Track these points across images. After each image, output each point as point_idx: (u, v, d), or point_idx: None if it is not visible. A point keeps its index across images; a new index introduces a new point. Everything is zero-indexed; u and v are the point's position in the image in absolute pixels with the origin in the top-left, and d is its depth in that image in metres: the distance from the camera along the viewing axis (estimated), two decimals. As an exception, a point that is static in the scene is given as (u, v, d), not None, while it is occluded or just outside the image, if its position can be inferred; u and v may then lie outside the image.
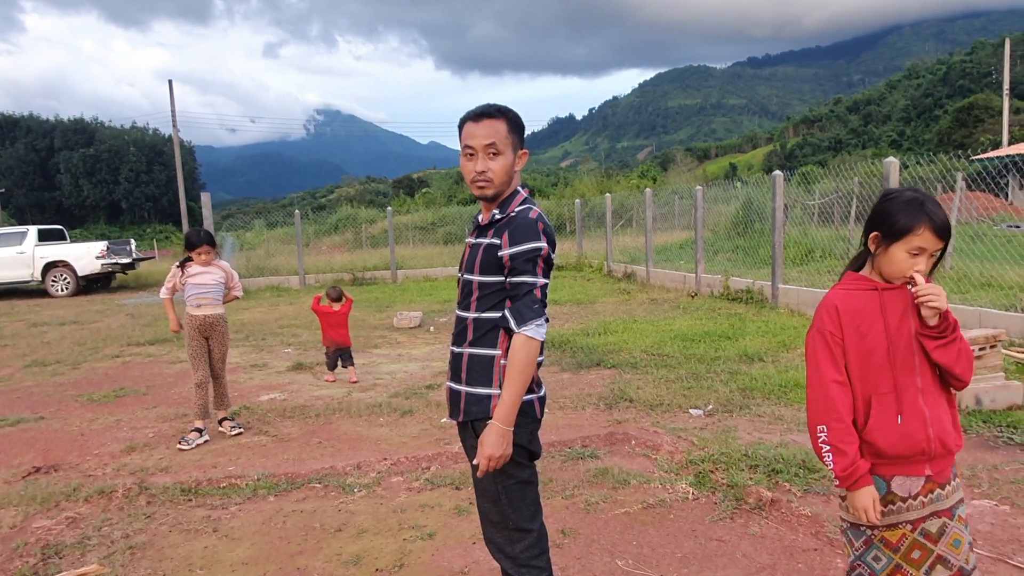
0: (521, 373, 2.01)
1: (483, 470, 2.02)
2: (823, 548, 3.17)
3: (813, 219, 17.39)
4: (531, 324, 2.02)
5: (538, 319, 2.04)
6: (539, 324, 2.04)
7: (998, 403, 4.93)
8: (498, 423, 2.01)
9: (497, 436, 2.00)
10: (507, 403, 2.01)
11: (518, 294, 2.06)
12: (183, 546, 3.51)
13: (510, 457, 2.04)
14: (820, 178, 17.09)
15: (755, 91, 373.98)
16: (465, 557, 3.26)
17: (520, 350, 2.02)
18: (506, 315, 2.07)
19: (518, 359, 2.02)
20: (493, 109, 2.15)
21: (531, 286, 2.05)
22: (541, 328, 2.05)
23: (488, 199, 2.17)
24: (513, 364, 2.02)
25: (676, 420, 5.14)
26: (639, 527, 3.49)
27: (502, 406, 2.02)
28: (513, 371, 2.01)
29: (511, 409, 2.02)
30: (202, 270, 5.29)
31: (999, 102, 59.38)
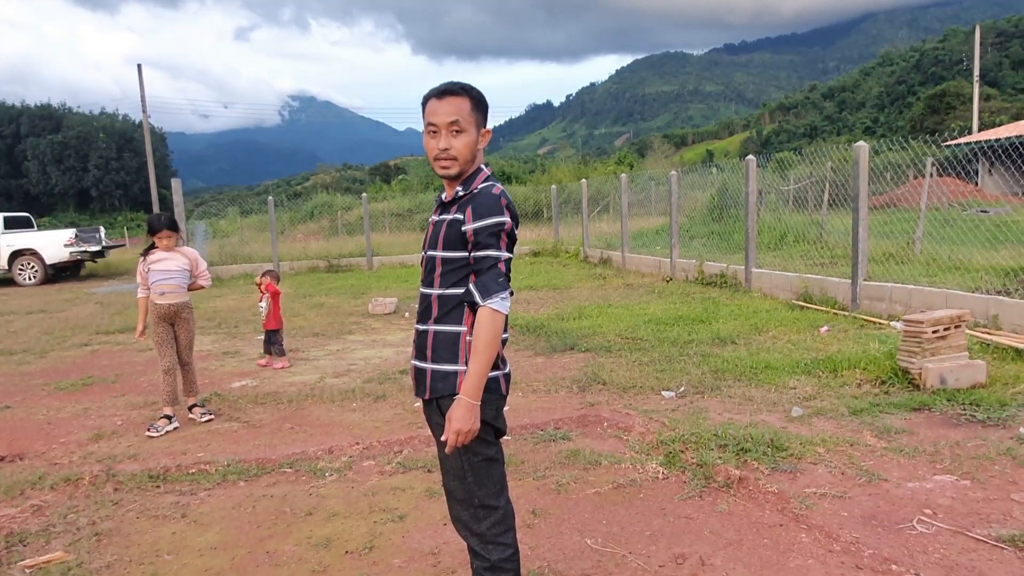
0: (487, 346, 2.00)
1: (451, 446, 2.01)
2: (788, 524, 3.22)
3: (788, 205, 17.57)
4: (496, 297, 2.02)
5: (503, 292, 2.03)
6: (504, 297, 2.03)
7: (962, 382, 5.02)
8: (465, 397, 2.00)
9: (465, 410, 1.99)
10: (474, 377, 2.00)
11: (482, 268, 2.05)
12: (150, 532, 3.47)
13: (477, 432, 2.03)
14: (795, 164, 17.24)
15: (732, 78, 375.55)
16: (435, 538, 3.26)
17: (486, 323, 2.01)
18: (471, 289, 2.06)
19: (484, 332, 2.01)
20: (456, 87, 2.14)
21: (495, 260, 2.04)
22: (505, 301, 2.04)
23: (452, 178, 2.15)
24: (479, 337, 2.01)
25: (648, 402, 5.18)
26: (609, 506, 3.51)
27: (469, 380, 2.01)
28: (479, 344, 2.00)
29: (478, 383, 2.01)
30: (165, 256, 5.20)
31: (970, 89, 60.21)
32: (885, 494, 3.44)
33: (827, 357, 5.89)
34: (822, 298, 8.49)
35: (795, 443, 4.07)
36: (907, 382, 5.15)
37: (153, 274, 5.17)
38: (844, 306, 8.05)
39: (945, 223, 12.42)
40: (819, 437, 4.19)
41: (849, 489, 3.51)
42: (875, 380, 5.28)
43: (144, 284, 5.23)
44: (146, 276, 5.20)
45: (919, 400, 4.78)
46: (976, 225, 12.05)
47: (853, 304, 7.90)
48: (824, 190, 14.89)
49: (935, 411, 4.62)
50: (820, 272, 9.86)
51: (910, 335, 5.20)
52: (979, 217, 14.40)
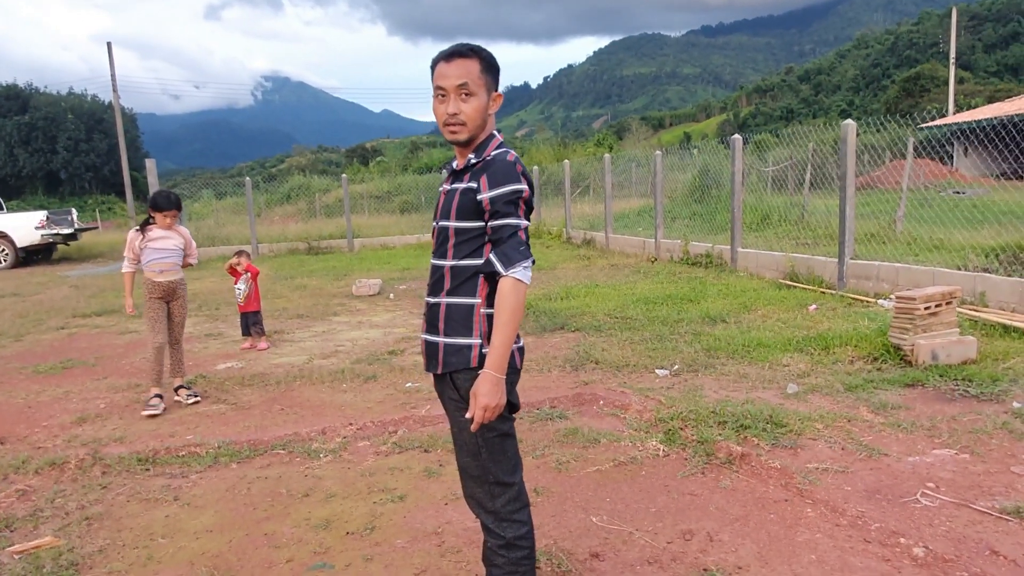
0: (512, 317, 1.94)
1: (478, 422, 1.94)
2: (793, 499, 3.21)
3: (767, 186, 17.64)
4: (519, 266, 1.95)
5: (525, 261, 1.96)
6: (526, 266, 1.97)
7: (953, 358, 5.05)
8: (491, 371, 1.93)
9: (491, 385, 1.92)
10: (499, 349, 1.93)
11: (502, 237, 1.97)
12: (142, 516, 3.37)
13: (504, 408, 1.97)
14: (773, 146, 17.31)
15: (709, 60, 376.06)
16: (437, 518, 3.21)
17: (510, 294, 1.94)
18: (491, 259, 1.98)
19: (508, 303, 1.94)
20: (465, 48, 2.04)
21: (515, 228, 1.97)
22: (527, 271, 1.97)
23: (461, 144, 2.07)
24: (503, 308, 1.94)
25: (643, 380, 5.15)
26: (612, 484, 3.48)
27: (494, 353, 1.94)
28: (503, 315, 1.94)
29: (503, 356, 1.94)
30: (163, 234, 5.09)
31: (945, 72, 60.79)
32: (887, 468, 3.44)
33: (818, 335, 5.90)
34: (808, 277, 8.52)
35: (794, 419, 4.06)
36: (899, 358, 5.17)
37: (150, 252, 5.03)
38: (831, 285, 8.08)
39: (923, 204, 12.52)
40: (817, 413, 4.19)
41: (851, 464, 3.50)
42: (867, 357, 5.29)
43: (134, 259, 5.07)
44: (139, 252, 5.04)
45: (912, 376, 4.80)
46: (953, 206, 12.18)
47: (840, 283, 7.93)
48: (806, 171, 14.96)
49: (928, 387, 4.65)
50: (805, 251, 9.91)
51: (902, 312, 5.22)
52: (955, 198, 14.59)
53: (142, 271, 5.12)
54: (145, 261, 5.06)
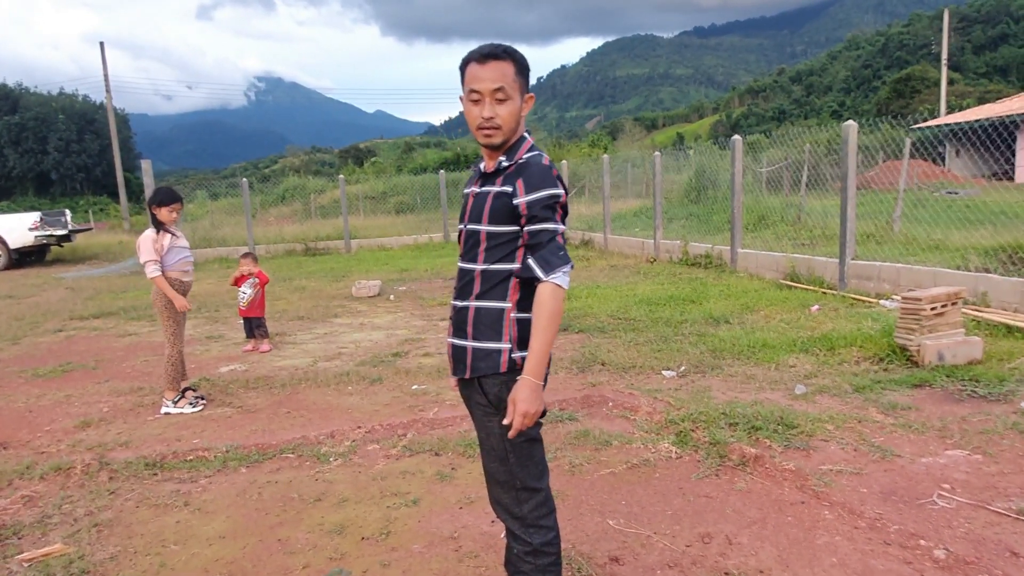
0: (551, 323, 1.92)
1: (517, 429, 1.92)
2: (809, 501, 3.20)
3: (762, 187, 17.69)
4: (558, 272, 1.93)
5: (564, 266, 1.94)
6: (565, 271, 1.95)
7: (959, 358, 5.06)
8: (530, 377, 1.91)
9: (530, 391, 1.90)
10: (538, 355, 1.92)
11: (541, 242, 1.95)
12: (153, 522, 3.34)
13: (540, 413, 1.95)
14: (766, 147, 17.35)
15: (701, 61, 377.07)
16: (453, 522, 3.18)
17: (549, 299, 1.92)
18: (530, 265, 1.96)
19: (547, 308, 1.92)
20: (500, 50, 2.01)
21: (553, 233, 1.95)
22: (567, 276, 1.95)
23: (495, 147, 2.04)
24: (542, 314, 1.92)
25: (650, 382, 5.14)
26: (626, 487, 3.47)
27: (532, 359, 1.92)
28: (542, 320, 1.92)
29: (542, 361, 1.92)
30: (180, 234, 5.08)
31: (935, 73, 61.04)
32: (900, 470, 3.44)
33: (823, 335, 5.90)
34: (809, 277, 8.53)
35: (804, 421, 4.05)
36: (905, 359, 5.17)
37: (177, 251, 4.99)
38: (832, 285, 8.09)
39: (918, 204, 12.57)
40: (827, 414, 4.19)
41: (864, 466, 3.50)
42: (873, 357, 5.30)
43: (157, 261, 4.88)
44: (165, 254, 4.94)
45: (919, 376, 4.81)
46: (948, 206, 12.24)
47: (841, 283, 7.94)
48: (803, 171, 15.00)
49: (936, 387, 4.65)
50: (803, 252, 9.92)
51: (908, 312, 5.22)
52: (949, 199, 14.66)
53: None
54: (174, 260, 4.97)
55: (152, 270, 4.87)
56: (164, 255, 4.94)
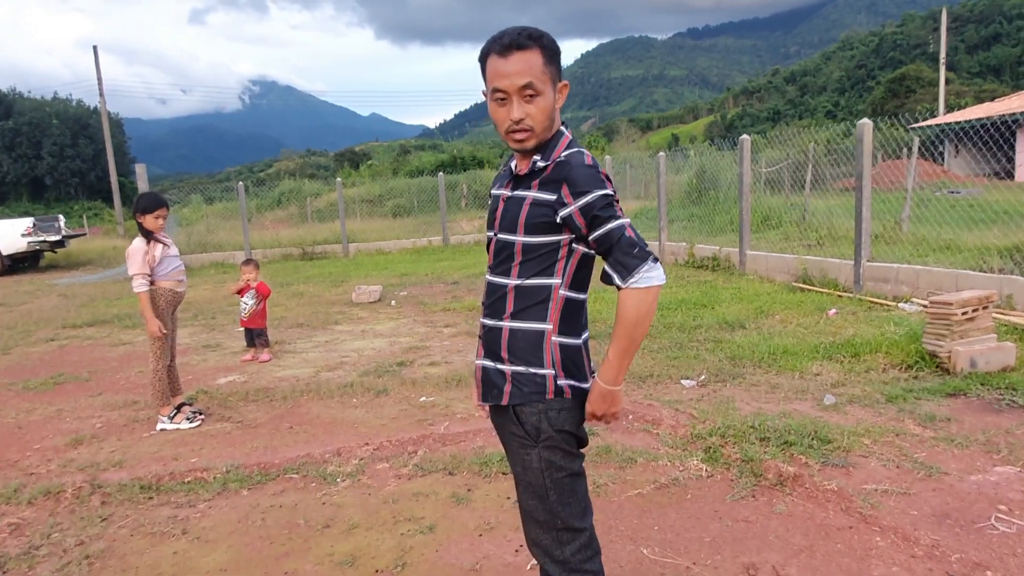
0: (630, 331, 1.70)
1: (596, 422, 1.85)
2: (857, 526, 2.97)
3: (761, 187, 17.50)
4: (637, 274, 1.68)
5: (644, 263, 1.68)
6: (648, 269, 1.68)
7: (992, 365, 4.84)
8: (599, 382, 1.78)
9: (599, 394, 1.79)
10: (611, 363, 1.74)
11: (611, 244, 1.70)
12: (149, 552, 3.09)
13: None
14: (763, 147, 17.18)
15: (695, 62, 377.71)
16: (473, 552, 2.94)
17: (629, 308, 1.69)
18: (608, 273, 1.73)
19: (630, 316, 1.69)
20: (523, 38, 1.72)
21: (621, 229, 1.70)
22: (652, 272, 1.69)
23: (529, 151, 1.80)
24: (624, 322, 1.70)
25: (669, 392, 4.91)
26: (657, 510, 3.23)
27: (607, 365, 1.76)
28: (619, 330, 1.70)
29: (617, 368, 1.74)
30: (169, 240, 4.83)
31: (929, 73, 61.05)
32: (950, 489, 3.22)
33: (845, 341, 5.68)
34: (822, 280, 8.32)
35: (839, 434, 3.83)
36: (935, 366, 4.96)
37: (169, 260, 4.74)
38: (847, 288, 7.88)
39: (921, 204, 12.39)
40: (862, 427, 3.96)
41: (911, 485, 3.27)
42: (901, 364, 5.08)
43: (147, 274, 4.67)
44: (156, 264, 4.69)
45: (953, 385, 4.59)
46: (951, 205, 12.05)
47: (856, 286, 7.73)
48: (807, 171, 14.81)
49: (971, 396, 4.43)
50: (809, 253, 9.72)
51: (937, 317, 5.00)
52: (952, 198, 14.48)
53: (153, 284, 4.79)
54: (167, 270, 4.72)
55: (138, 284, 4.61)
56: (156, 266, 4.70)
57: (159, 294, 4.72)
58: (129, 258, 4.66)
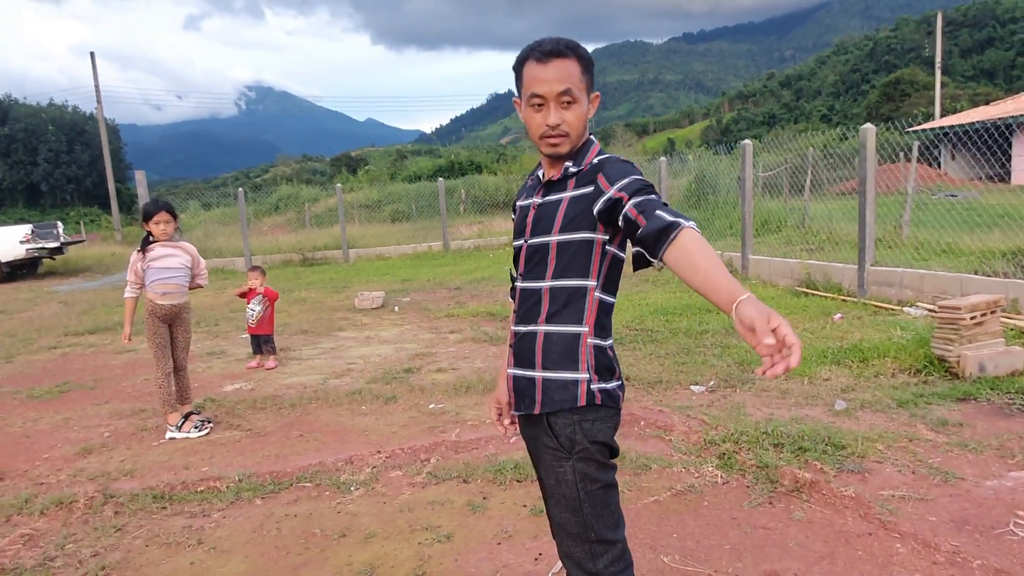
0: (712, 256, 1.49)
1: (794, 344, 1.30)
2: (877, 532, 2.97)
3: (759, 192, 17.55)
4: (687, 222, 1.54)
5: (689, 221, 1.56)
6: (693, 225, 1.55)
7: (1001, 369, 4.85)
8: (742, 299, 1.37)
9: (754, 306, 1.34)
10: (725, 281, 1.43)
11: (653, 206, 1.59)
12: (165, 563, 3.08)
13: None
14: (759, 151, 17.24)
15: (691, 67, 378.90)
16: (492, 560, 2.93)
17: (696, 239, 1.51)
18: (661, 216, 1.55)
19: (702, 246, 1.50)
20: (562, 46, 1.75)
21: (659, 200, 1.64)
22: None
23: (562, 157, 1.81)
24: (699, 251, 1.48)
25: (679, 398, 4.91)
26: (674, 517, 3.23)
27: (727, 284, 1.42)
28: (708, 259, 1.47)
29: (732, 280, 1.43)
30: (167, 252, 4.76)
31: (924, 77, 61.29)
32: (967, 495, 3.22)
33: (852, 346, 5.69)
34: (826, 284, 8.33)
35: (852, 440, 3.83)
36: (944, 370, 4.96)
37: (153, 272, 4.71)
38: (851, 292, 7.89)
39: (919, 207, 12.44)
40: (874, 432, 3.97)
41: (928, 490, 3.27)
42: (909, 369, 5.09)
43: (136, 282, 4.74)
44: (142, 274, 4.72)
45: (963, 390, 4.59)
46: (949, 209, 12.10)
47: (860, 290, 7.75)
48: (806, 175, 14.85)
49: (982, 400, 4.44)
50: (809, 257, 9.74)
51: (946, 321, 5.01)
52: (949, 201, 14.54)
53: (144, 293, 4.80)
54: (149, 281, 4.73)
55: (126, 290, 4.85)
56: (143, 275, 4.72)
57: (145, 303, 4.76)
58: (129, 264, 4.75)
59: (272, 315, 6.81)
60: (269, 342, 6.72)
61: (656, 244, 1.55)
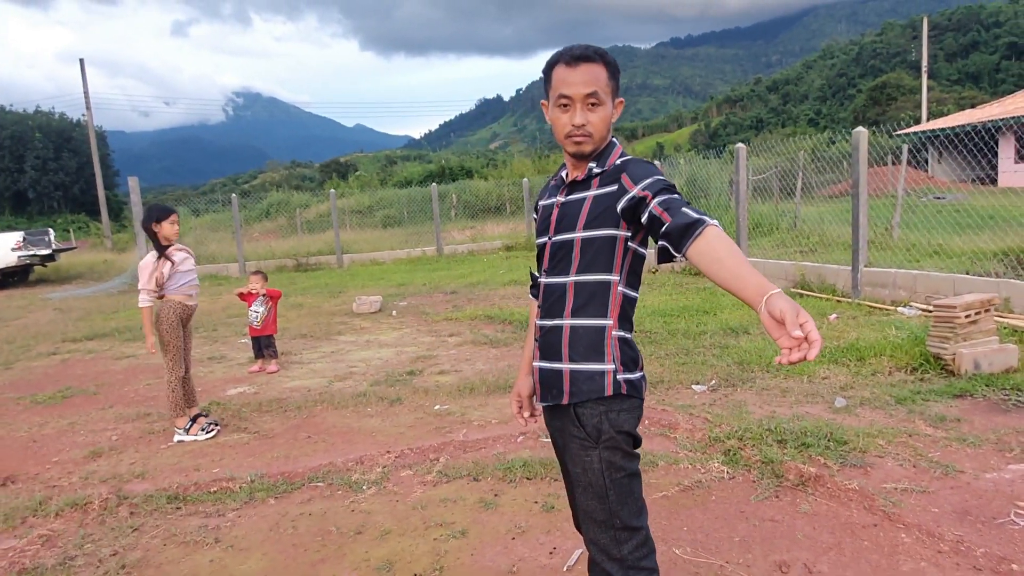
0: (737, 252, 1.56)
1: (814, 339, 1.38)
2: (882, 523, 3.05)
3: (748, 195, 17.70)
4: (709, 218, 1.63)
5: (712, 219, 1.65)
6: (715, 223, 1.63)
7: (995, 366, 4.96)
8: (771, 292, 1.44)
9: (784, 298, 1.43)
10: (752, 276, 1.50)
11: (677, 204, 1.67)
12: (184, 561, 3.12)
13: None
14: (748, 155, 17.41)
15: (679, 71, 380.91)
16: (508, 554, 2.99)
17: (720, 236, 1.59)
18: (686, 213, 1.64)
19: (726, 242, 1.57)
20: (591, 51, 1.85)
21: (682, 198, 1.72)
22: None
23: (585, 156, 1.89)
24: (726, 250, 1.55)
25: (681, 397, 4.99)
26: (684, 511, 3.30)
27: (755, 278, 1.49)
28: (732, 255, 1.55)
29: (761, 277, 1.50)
30: (185, 254, 4.86)
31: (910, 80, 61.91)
32: (967, 487, 3.31)
33: (849, 345, 5.79)
34: (820, 285, 8.45)
35: (854, 436, 3.92)
36: (940, 368, 5.07)
37: (183, 275, 4.77)
38: (845, 293, 8.01)
39: (908, 209, 12.60)
40: (875, 428, 4.06)
41: (929, 483, 3.36)
42: (906, 367, 5.19)
43: (155, 291, 4.69)
44: (164, 280, 4.71)
45: (959, 387, 4.69)
46: (937, 211, 12.27)
47: (854, 291, 7.87)
48: (797, 179, 15.01)
49: (978, 397, 4.54)
50: (802, 259, 9.87)
51: (941, 320, 5.12)
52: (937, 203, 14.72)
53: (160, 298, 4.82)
54: (177, 284, 4.76)
55: (142, 299, 4.69)
56: (166, 281, 4.74)
57: (168, 307, 4.75)
58: (140, 271, 4.71)
59: (275, 316, 6.85)
60: (271, 346, 6.76)
61: (681, 239, 1.63)
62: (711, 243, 1.59)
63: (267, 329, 6.71)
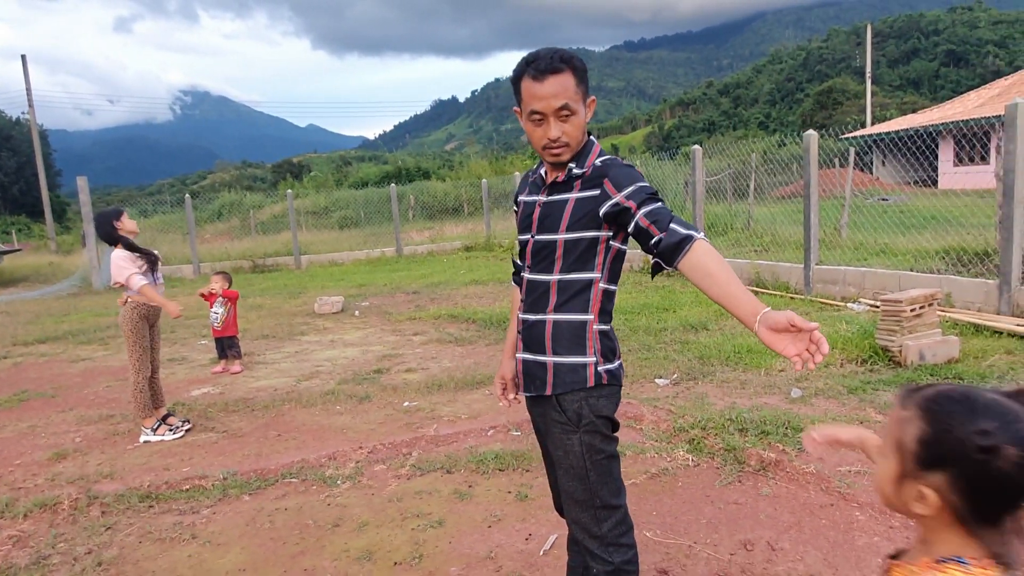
0: (727, 268, 1.68)
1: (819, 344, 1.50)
2: (838, 503, 3.23)
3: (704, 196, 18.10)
4: (699, 233, 1.74)
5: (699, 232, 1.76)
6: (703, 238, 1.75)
7: (939, 357, 5.24)
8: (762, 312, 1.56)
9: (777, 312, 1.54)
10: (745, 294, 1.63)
11: (664, 217, 1.78)
12: (162, 557, 3.13)
13: None
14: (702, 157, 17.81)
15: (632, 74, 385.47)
16: (486, 541, 3.09)
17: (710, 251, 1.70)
18: (675, 229, 1.74)
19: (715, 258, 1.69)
20: (556, 61, 1.87)
21: (668, 210, 1.81)
22: None
23: (563, 163, 1.98)
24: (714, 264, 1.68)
25: (645, 390, 5.14)
26: (652, 497, 3.44)
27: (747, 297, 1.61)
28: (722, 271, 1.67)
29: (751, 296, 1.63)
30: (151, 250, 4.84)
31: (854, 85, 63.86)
32: (915, 468, 3.52)
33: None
34: (775, 283, 8.74)
35: (809, 423, 4.11)
36: (887, 359, 5.33)
37: (150, 274, 4.73)
38: (798, 290, 8.31)
39: (854, 210, 13.09)
40: (829, 416, 4.27)
41: (880, 465, 3.56)
42: (856, 359, 5.44)
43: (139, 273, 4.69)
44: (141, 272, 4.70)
45: (905, 376, 4.95)
46: (882, 212, 12.77)
47: (807, 288, 8.17)
48: (750, 180, 15.42)
49: (923, 386, 4.79)
50: (756, 258, 10.18)
51: (888, 314, 5.38)
52: (882, 205, 15.29)
53: (123, 292, 4.79)
54: (148, 283, 4.74)
55: (137, 280, 4.65)
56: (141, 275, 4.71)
57: (132, 307, 4.72)
58: (116, 265, 4.67)
59: (235, 316, 6.81)
60: (234, 346, 6.72)
61: (673, 255, 1.75)
62: (701, 258, 1.71)
63: (228, 330, 6.67)
